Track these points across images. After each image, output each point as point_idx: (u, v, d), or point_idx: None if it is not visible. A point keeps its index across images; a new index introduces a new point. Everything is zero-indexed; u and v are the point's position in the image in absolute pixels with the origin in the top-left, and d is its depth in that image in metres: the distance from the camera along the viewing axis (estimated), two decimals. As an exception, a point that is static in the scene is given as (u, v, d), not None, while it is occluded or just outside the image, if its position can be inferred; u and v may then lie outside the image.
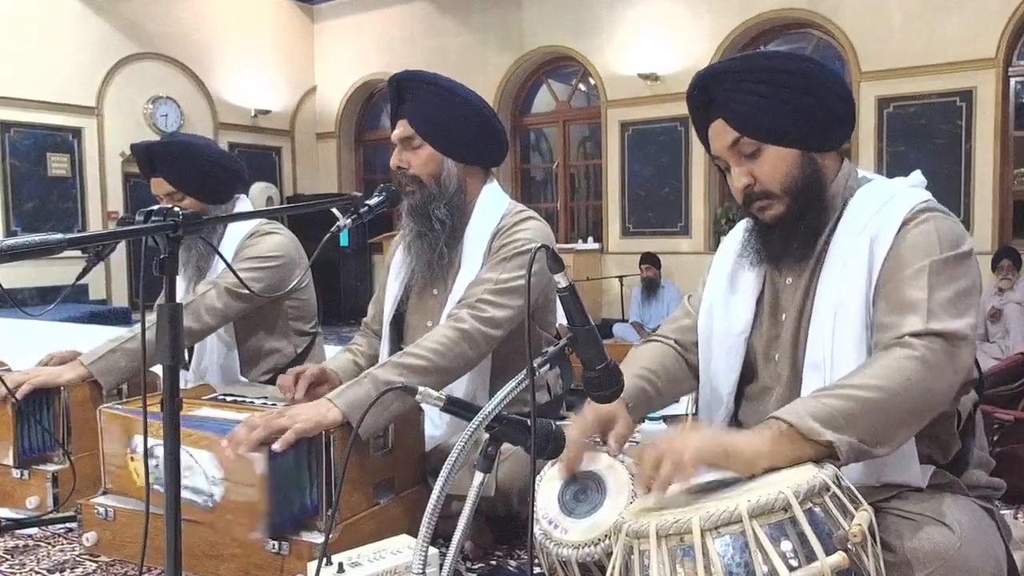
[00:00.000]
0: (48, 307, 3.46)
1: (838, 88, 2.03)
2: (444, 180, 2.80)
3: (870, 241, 1.92)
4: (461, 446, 1.66)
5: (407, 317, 2.99)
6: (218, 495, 2.37)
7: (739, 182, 2.02)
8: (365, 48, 14.76)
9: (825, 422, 1.65)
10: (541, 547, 1.87)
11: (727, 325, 2.18)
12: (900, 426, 1.72)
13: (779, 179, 1.99)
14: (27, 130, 11.75)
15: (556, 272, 1.70)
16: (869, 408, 1.68)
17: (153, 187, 3.44)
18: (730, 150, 2.02)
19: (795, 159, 1.99)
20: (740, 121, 2.00)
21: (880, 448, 1.70)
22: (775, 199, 2.01)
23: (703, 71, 2.07)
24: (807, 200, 2.00)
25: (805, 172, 1.99)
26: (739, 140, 2.00)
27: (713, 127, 2.06)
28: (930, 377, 1.72)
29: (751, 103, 1.98)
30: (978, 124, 9.89)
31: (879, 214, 1.94)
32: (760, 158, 2.00)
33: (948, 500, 1.83)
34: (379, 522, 2.46)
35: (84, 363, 3.06)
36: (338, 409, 2.36)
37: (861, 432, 1.67)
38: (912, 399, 1.71)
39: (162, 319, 1.60)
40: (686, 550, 1.47)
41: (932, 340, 1.75)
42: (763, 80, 1.98)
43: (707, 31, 11.51)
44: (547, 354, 1.75)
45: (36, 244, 1.46)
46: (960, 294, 1.82)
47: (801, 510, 1.46)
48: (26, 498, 2.94)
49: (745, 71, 2.01)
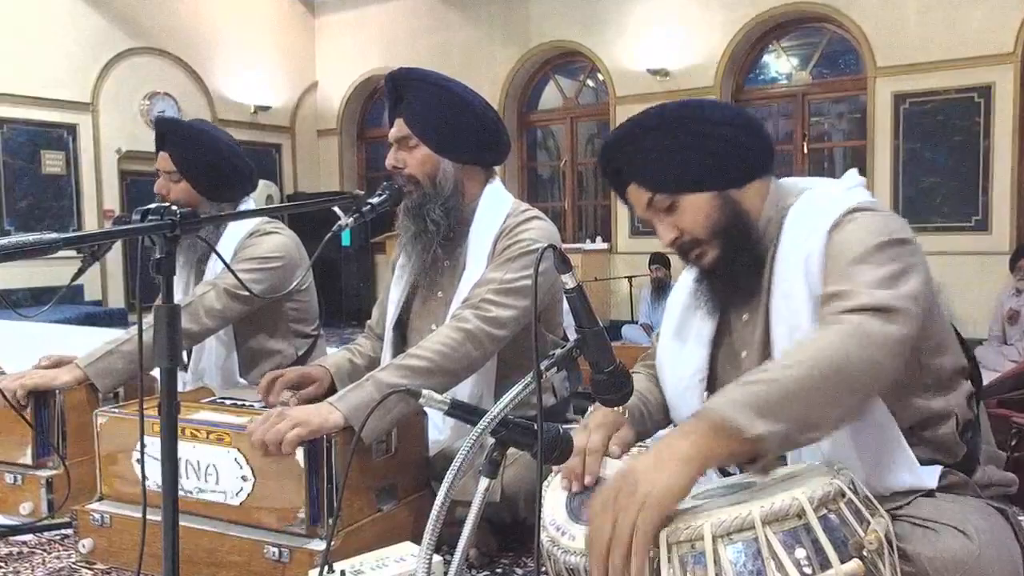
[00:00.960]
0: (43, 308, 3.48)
1: (733, 119, 2.07)
2: (440, 181, 2.80)
3: (805, 260, 1.93)
4: (466, 450, 1.65)
5: (411, 320, 2.99)
6: (247, 491, 2.39)
7: (667, 237, 2.08)
8: (367, 43, 14.78)
9: (755, 410, 1.58)
10: (548, 554, 1.87)
11: (678, 377, 2.21)
12: (836, 405, 1.65)
13: (702, 225, 2.03)
14: (21, 127, 11.79)
15: (563, 272, 1.70)
16: (797, 389, 1.61)
17: (158, 161, 3.48)
18: (649, 210, 2.08)
19: (712, 202, 2.03)
20: (648, 181, 2.06)
21: (816, 428, 1.64)
22: (706, 244, 2.05)
23: (604, 144, 2.14)
24: (737, 238, 2.03)
25: (726, 212, 2.03)
26: (653, 198, 2.06)
27: (629, 193, 2.12)
28: (861, 349, 1.67)
29: (652, 161, 2.04)
30: (996, 121, 9.88)
31: (809, 231, 1.95)
32: (679, 210, 2.04)
33: (963, 505, 1.83)
34: (382, 529, 2.46)
35: (80, 365, 3.06)
36: (340, 412, 2.36)
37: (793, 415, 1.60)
38: (844, 372, 1.65)
39: (159, 320, 1.60)
40: (697, 557, 1.47)
41: (861, 314, 1.72)
42: (654, 136, 2.04)
43: (719, 25, 11.52)
44: (554, 356, 1.75)
45: (30, 244, 1.46)
46: (893, 273, 1.80)
47: (815, 516, 1.46)
48: (20, 504, 2.94)
49: (637, 132, 2.06)
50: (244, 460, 2.39)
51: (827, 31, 11.19)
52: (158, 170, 3.47)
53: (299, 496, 2.31)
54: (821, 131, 12.13)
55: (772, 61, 12.01)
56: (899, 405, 1.90)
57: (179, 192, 3.43)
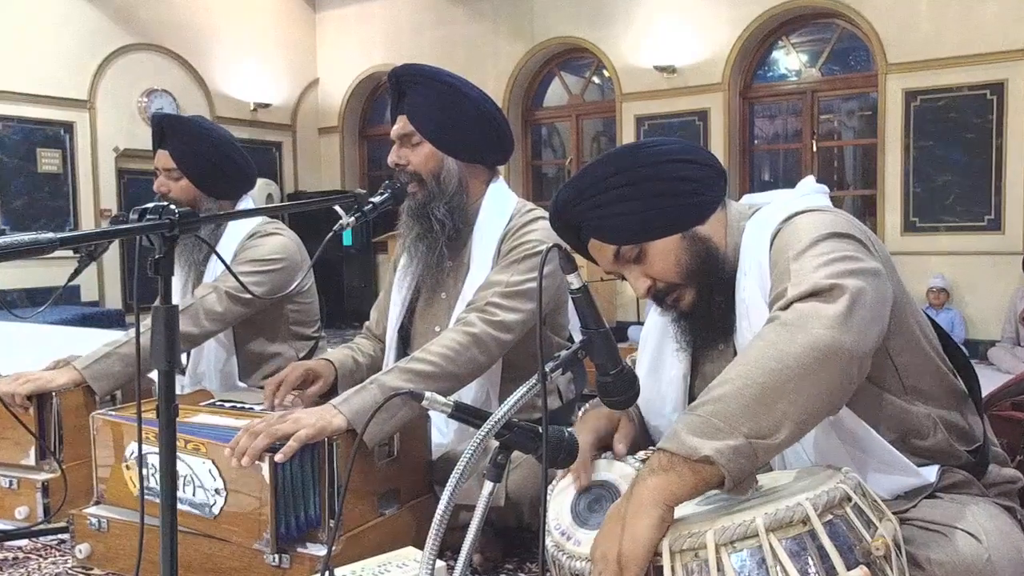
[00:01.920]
0: (39, 309, 3.48)
1: (680, 155, 2.04)
2: (444, 179, 2.80)
3: (759, 278, 1.93)
4: (470, 454, 1.66)
5: (414, 322, 2.99)
6: (220, 504, 2.38)
7: (641, 288, 2.05)
8: (370, 38, 14.76)
9: (701, 433, 1.56)
10: (553, 559, 1.87)
11: (656, 412, 2.21)
12: (782, 404, 1.58)
13: (673, 269, 2.01)
14: (16, 124, 11.77)
15: (569, 272, 1.71)
16: (744, 396, 1.58)
17: (156, 160, 3.49)
18: (616, 263, 2.05)
19: (681, 243, 2.01)
20: (611, 234, 2.02)
21: (773, 433, 1.57)
22: (682, 288, 2.04)
23: (557, 205, 2.08)
24: (710, 274, 2.02)
25: (696, 251, 2.01)
26: (619, 251, 2.03)
27: (591, 247, 2.09)
28: (794, 335, 1.63)
29: (609, 215, 2.00)
30: (1009, 118, 9.84)
31: (758, 246, 1.96)
32: (647, 258, 2.02)
33: (971, 507, 1.83)
34: (384, 534, 2.46)
35: (77, 367, 3.07)
36: (343, 416, 2.36)
37: (748, 426, 1.56)
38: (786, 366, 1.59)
39: (157, 322, 1.61)
40: (701, 566, 1.47)
41: (797, 302, 1.70)
42: (611, 187, 1.99)
43: (727, 21, 11.50)
44: (560, 358, 1.75)
45: (26, 244, 1.46)
46: (829, 260, 1.77)
47: (820, 523, 1.46)
48: (15, 508, 2.95)
49: (585, 189, 2.02)
50: (218, 472, 2.38)
51: (837, 27, 11.17)
52: (157, 169, 3.48)
53: (264, 514, 2.30)
54: (831, 129, 12.10)
55: (781, 58, 11.99)
56: (875, 405, 1.90)
57: (180, 190, 3.44)
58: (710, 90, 11.71)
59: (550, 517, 1.91)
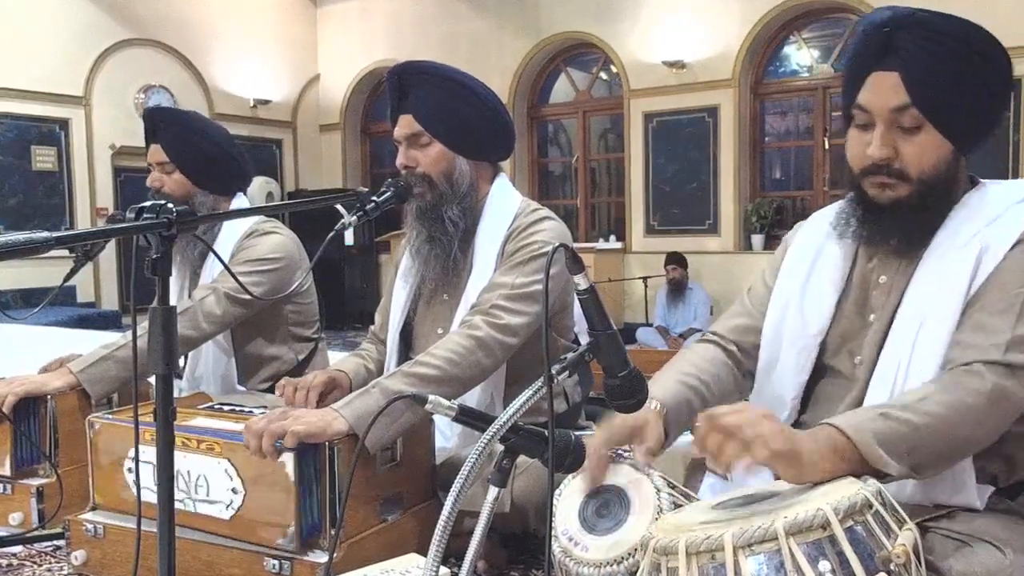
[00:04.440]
0: (33, 310, 3.47)
1: (1005, 69, 1.95)
2: (456, 179, 2.78)
3: (979, 253, 1.88)
4: (474, 459, 1.65)
5: (416, 325, 2.98)
6: (236, 504, 2.38)
7: (878, 152, 1.91)
8: (372, 34, 14.78)
9: (889, 448, 1.68)
10: (560, 566, 1.87)
11: (801, 325, 2.13)
12: (951, 458, 1.78)
13: (922, 166, 1.91)
14: (10, 121, 11.80)
15: (576, 273, 1.70)
16: (929, 438, 1.71)
17: (149, 155, 3.48)
18: (891, 113, 1.90)
19: (946, 153, 1.92)
20: (918, 87, 1.87)
21: (924, 473, 1.75)
22: (905, 183, 1.93)
23: (890, 11, 1.92)
24: (935, 197, 1.94)
25: (948, 169, 1.93)
26: (907, 108, 1.88)
27: (879, 77, 1.92)
28: (993, 412, 1.76)
29: (937, 72, 1.87)
30: None
31: (994, 225, 1.90)
32: (915, 137, 1.90)
33: (997, 519, 1.82)
34: (386, 540, 2.46)
35: (73, 370, 3.07)
36: (345, 420, 2.35)
37: (915, 460, 1.70)
38: (971, 430, 1.75)
39: (155, 323, 1.60)
40: (717, 568, 1.47)
41: (1003, 373, 1.76)
42: (957, 54, 1.88)
43: (737, 15, 11.50)
44: (566, 360, 1.75)
45: (20, 243, 1.46)
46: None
47: (841, 528, 1.45)
48: (9, 514, 2.95)
49: (940, 30, 1.90)
50: (235, 471, 2.38)
51: (849, 22, 11.15)
52: (150, 164, 3.48)
53: (289, 511, 2.30)
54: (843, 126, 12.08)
55: (793, 53, 12.00)
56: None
57: (174, 184, 3.43)
58: (720, 86, 11.72)
59: (557, 522, 1.91)
